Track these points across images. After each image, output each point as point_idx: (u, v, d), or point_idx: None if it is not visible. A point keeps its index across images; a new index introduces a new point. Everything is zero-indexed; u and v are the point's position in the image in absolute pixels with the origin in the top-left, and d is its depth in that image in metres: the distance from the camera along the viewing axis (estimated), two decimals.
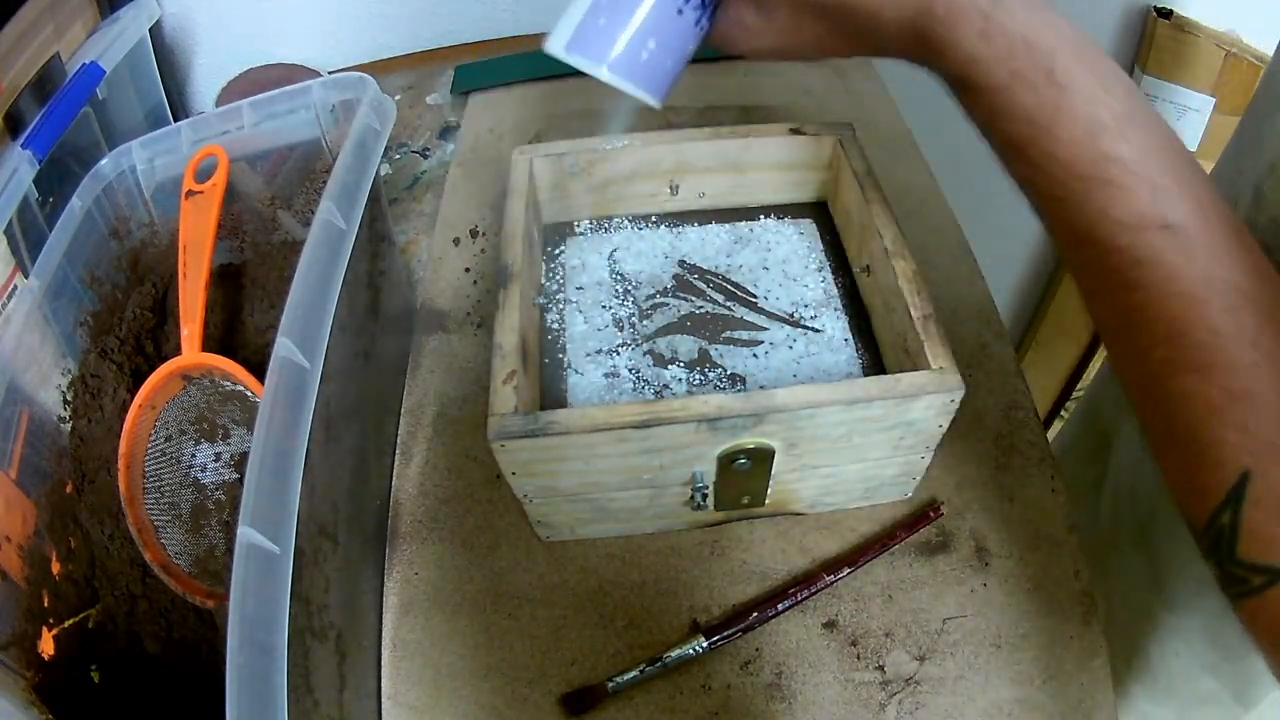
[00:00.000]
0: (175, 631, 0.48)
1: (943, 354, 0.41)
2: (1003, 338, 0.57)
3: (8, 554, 0.41)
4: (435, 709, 0.44)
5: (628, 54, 0.37)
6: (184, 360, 0.47)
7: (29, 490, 0.44)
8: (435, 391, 0.56)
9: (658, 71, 0.38)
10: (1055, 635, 0.44)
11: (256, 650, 0.28)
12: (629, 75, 0.37)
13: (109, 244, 0.53)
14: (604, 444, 0.40)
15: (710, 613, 0.46)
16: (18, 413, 0.45)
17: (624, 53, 0.37)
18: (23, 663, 0.40)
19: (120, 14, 0.70)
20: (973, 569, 0.47)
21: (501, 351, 0.42)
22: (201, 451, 0.50)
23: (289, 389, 0.34)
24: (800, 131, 0.54)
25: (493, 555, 0.48)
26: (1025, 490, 0.50)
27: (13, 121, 0.56)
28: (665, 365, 0.49)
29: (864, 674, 0.43)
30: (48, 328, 0.48)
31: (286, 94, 0.52)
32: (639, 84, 0.38)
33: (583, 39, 0.37)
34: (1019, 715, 0.42)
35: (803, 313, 0.51)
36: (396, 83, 0.84)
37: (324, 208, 0.40)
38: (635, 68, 0.37)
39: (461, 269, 0.63)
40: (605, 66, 0.37)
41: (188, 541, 0.48)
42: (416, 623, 0.46)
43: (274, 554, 0.30)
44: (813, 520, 0.49)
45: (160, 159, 0.54)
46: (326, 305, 0.38)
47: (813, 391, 0.40)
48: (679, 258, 0.55)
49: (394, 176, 0.75)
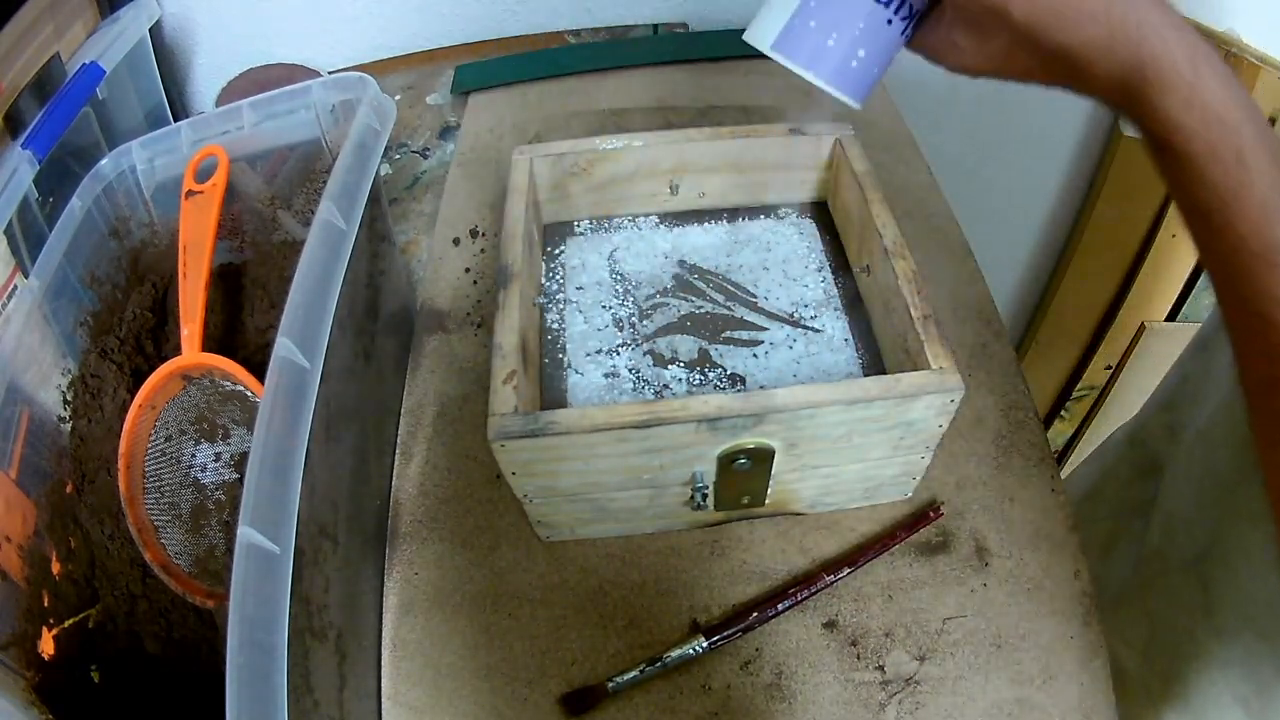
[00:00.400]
0: (175, 631, 0.48)
1: (943, 354, 0.41)
2: (1003, 338, 0.57)
3: (8, 554, 0.41)
4: (435, 709, 0.44)
5: (839, 60, 0.37)
6: (184, 360, 0.47)
7: (29, 490, 0.44)
8: (435, 391, 0.56)
9: (865, 78, 0.39)
10: (1055, 635, 0.44)
11: (256, 650, 0.28)
12: (838, 81, 0.38)
13: (109, 244, 0.53)
14: (604, 444, 0.40)
15: (710, 613, 0.46)
16: (18, 413, 0.45)
17: (836, 59, 0.37)
18: (23, 663, 0.40)
19: (120, 14, 0.70)
20: (973, 569, 0.47)
21: (501, 351, 0.42)
22: (201, 451, 0.50)
23: (289, 389, 0.34)
24: (800, 131, 0.54)
25: (493, 555, 0.48)
26: (1025, 490, 0.50)
27: (13, 121, 0.56)
28: (665, 365, 0.49)
29: (864, 674, 0.43)
30: (48, 328, 0.48)
31: (286, 94, 0.52)
32: (845, 90, 0.38)
33: (792, 39, 0.37)
34: (1019, 715, 0.42)
35: (803, 313, 0.51)
36: (396, 83, 0.84)
37: (324, 208, 0.40)
38: (845, 74, 0.38)
39: (461, 269, 0.63)
40: (816, 72, 0.38)
41: (188, 541, 0.48)
42: (416, 623, 0.46)
43: (274, 554, 0.30)
44: (813, 520, 0.49)
45: (160, 159, 0.54)
46: (326, 305, 0.38)
47: (813, 391, 0.40)
48: (679, 258, 0.55)
49: (394, 176, 0.75)
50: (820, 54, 0.37)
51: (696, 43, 0.85)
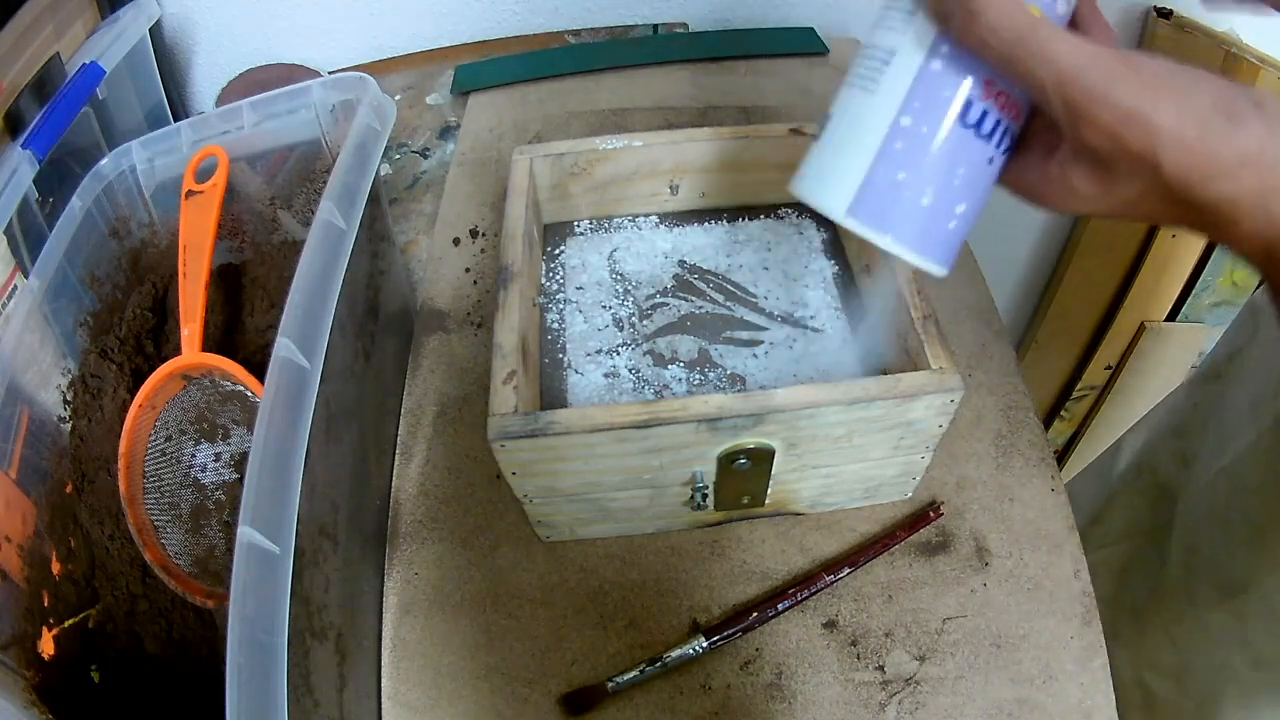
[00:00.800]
0: (175, 631, 0.48)
1: (943, 354, 0.41)
2: (1003, 338, 0.57)
3: (8, 554, 0.41)
4: (435, 709, 0.44)
5: (936, 224, 0.28)
6: (184, 360, 0.47)
7: (29, 490, 0.44)
8: (435, 391, 0.56)
9: (958, 239, 0.30)
10: (1055, 635, 0.44)
11: (256, 650, 0.28)
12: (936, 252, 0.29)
13: (109, 244, 0.53)
14: (604, 444, 0.40)
15: (710, 613, 0.46)
16: (18, 413, 0.45)
17: (932, 223, 0.28)
18: (23, 663, 0.40)
19: (120, 14, 0.70)
20: (973, 569, 0.47)
21: (501, 351, 0.42)
22: (201, 451, 0.50)
23: (289, 389, 0.34)
24: (800, 132, 0.54)
25: (493, 555, 0.48)
26: (1025, 490, 0.50)
27: (13, 121, 0.56)
28: (665, 365, 0.49)
29: (864, 674, 0.43)
30: (48, 328, 0.48)
31: (286, 94, 0.52)
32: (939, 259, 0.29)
33: (875, 200, 0.27)
34: (1019, 715, 0.42)
35: (803, 313, 0.51)
36: (396, 83, 0.84)
37: (324, 208, 0.40)
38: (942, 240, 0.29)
39: (461, 269, 0.63)
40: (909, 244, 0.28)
41: (188, 541, 0.48)
42: (416, 623, 0.46)
43: (274, 554, 0.30)
44: (813, 520, 0.49)
45: (160, 159, 0.54)
46: (326, 305, 0.38)
47: (813, 391, 0.40)
48: (679, 258, 0.55)
49: (394, 176, 0.75)
50: (912, 219, 0.28)
51: (696, 43, 0.85)
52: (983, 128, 0.27)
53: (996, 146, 0.28)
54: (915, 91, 0.27)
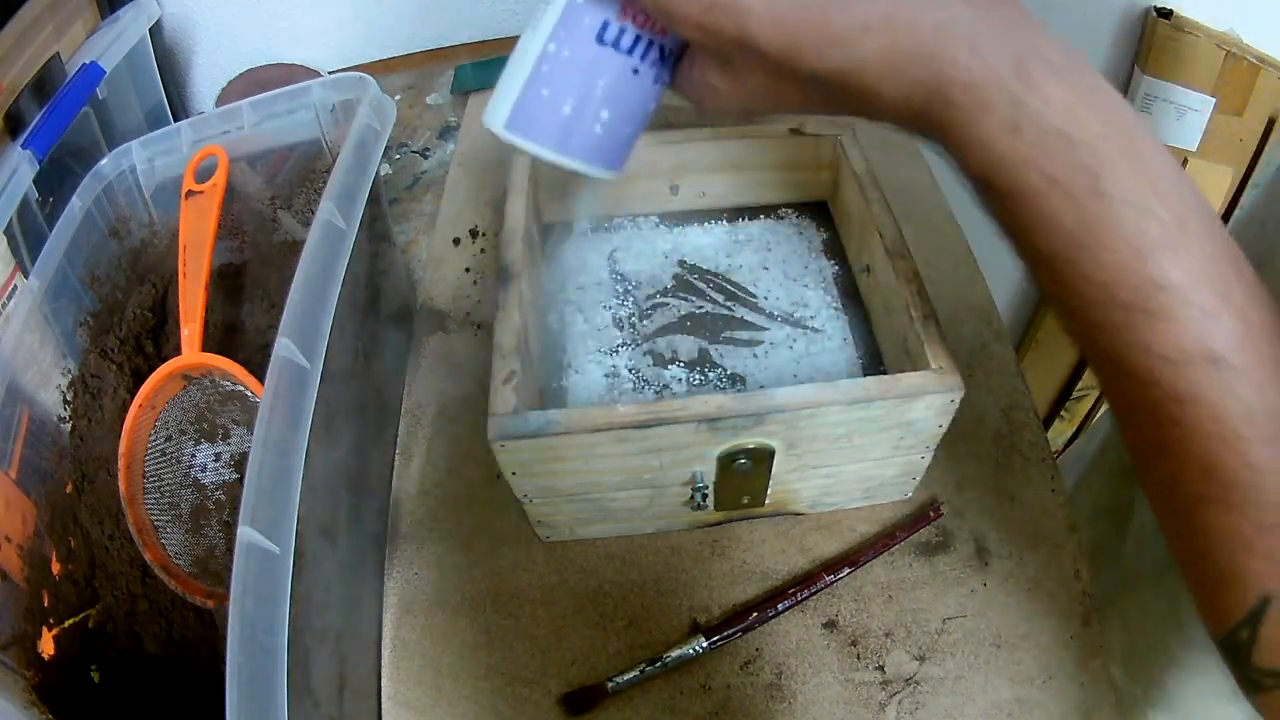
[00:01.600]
0: (175, 631, 0.48)
1: (943, 354, 0.41)
2: (1003, 338, 0.57)
3: (8, 554, 0.41)
4: (435, 709, 0.44)
5: (579, 129, 0.32)
6: (184, 360, 0.47)
7: (29, 490, 0.44)
8: (435, 391, 0.56)
9: (616, 142, 0.33)
10: (1055, 635, 0.44)
11: (256, 650, 0.28)
12: (582, 154, 0.32)
13: (109, 244, 0.53)
14: (604, 444, 0.40)
15: (710, 613, 0.46)
16: (18, 413, 0.45)
17: (575, 128, 0.32)
18: (23, 663, 0.40)
19: (120, 14, 0.70)
20: (973, 569, 0.47)
21: (501, 351, 0.42)
22: (201, 451, 0.50)
23: (289, 389, 0.34)
24: (800, 131, 0.54)
25: (493, 555, 0.48)
26: (1025, 490, 0.50)
27: (13, 121, 0.56)
28: (665, 365, 0.49)
29: (864, 674, 0.43)
30: (48, 328, 0.48)
31: (286, 94, 0.52)
32: (593, 161, 0.33)
33: (524, 115, 0.32)
34: (1019, 715, 0.42)
35: (803, 313, 0.51)
36: (396, 83, 0.84)
37: (324, 208, 0.40)
38: (589, 143, 0.32)
39: (461, 269, 0.63)
40: (553, 147, 0.32)
41: (188, 541, 0.48)
42: (416, 623, 0.46)
43: (274, 554, 0.30)
44: (813, 520, 0.49)
45: (160, 159, 0.54)
46: (326, 305, 0.38)
47: (813, 391, 0.40)
48: (679, 258, 0.55)
49: (394, 176, 0.75)
50: (555, 126, 0.31)
51: None
52: (621, 44, 0.31)
53: (641, 59, 0.31)
54: (561, 21, 0.31)
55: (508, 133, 0.32)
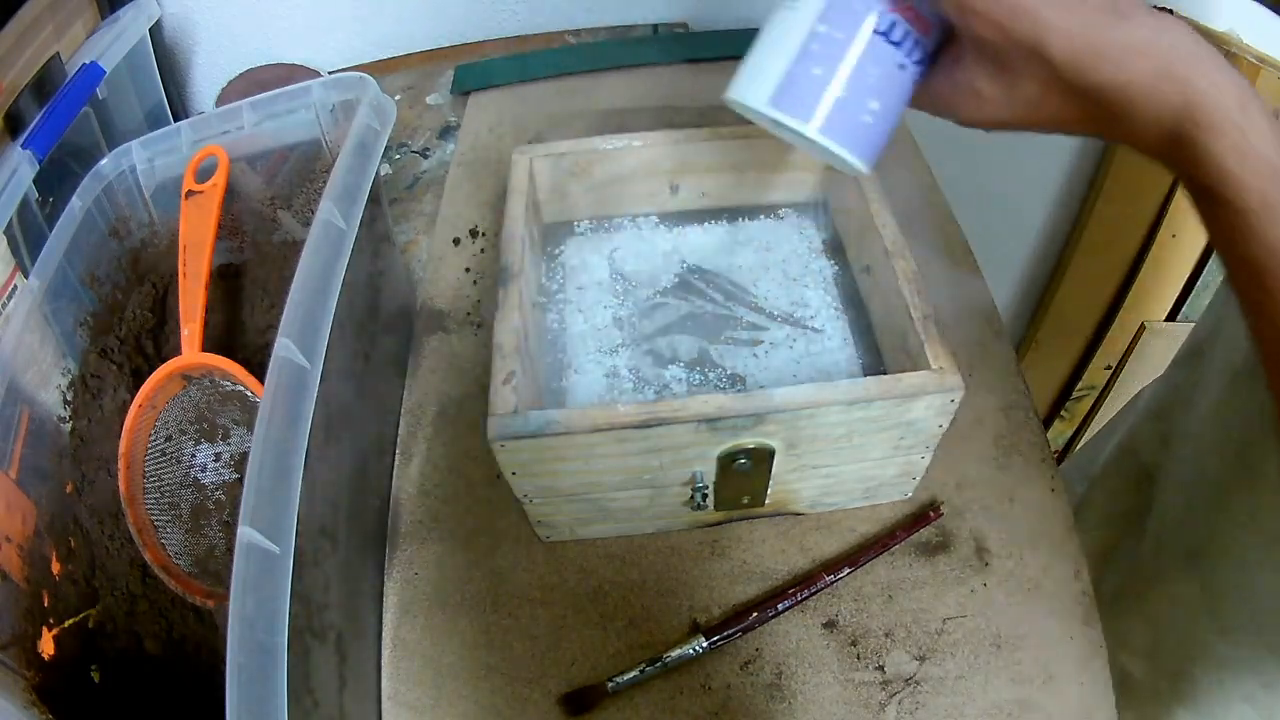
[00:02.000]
0: (175, 631, 0.47)
1: (943, 354, 0.41)
2: (1003, 338, 0.57)
3: (8, 554, 0.41)
4: (435, 709, 0.44)
5: (849, 114, 0.31)
6: (184, 360, 0.47)
7: (29, 490, 0.44)
8: (435, 391, 0.56)
9: (877, 135, 0.32)
10: (1055, 635, 0.44)
11: (256, 650, 0.28)
12: (848, 140, 0.31)
13: (109, 244, 0.53)
14: (604, 444, 0.40)
15: (710, 613, 0.46)
16: (18, 413, 0.45)
17: (845, 112, 0.31)
18: (23, 663, 0.40)
19: (120, 14, 0.70)
20: (973, 569, 0.47)
21: (501, 351, 0.42)
22: (201, 451, 0.50)
23: (289, 389, 0.34)
24: None
25: (493, 555, 0.48)
26: (1025, 490, 0.50)
27: (13, 121, 0.56)
28: (665, 365, 0.49)
29: (864, 674, 0.43)
30: (48, 328, 0.48)
31: (286, 94, 0.52)
32: (855, 150, 0.32)
33: (792, 92, 0.30)
34: (1019, 715, 0.42)
35: (803, 313, 0.51)
36: (396, 83, 0.84)
37: (324, 208, 0.40)
38: (856, 131, 0.31)
39: (461, 269, 0.63)
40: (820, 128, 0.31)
41: (188, 541, 0.48)
42: (416, 623, 0.46)
43: (274, 554, 0.30)
44: (813, 520, 0.49)
45: (160, 159, 0.54)
46: (326, 305, 0.38)
47: (813, 391, 0.40)
48: (679, 258, 0.55)
49: (394, 176, 0.75)
50: (828, 109, 0.30)
51: (696, 43, 0.85)
52: (892, 35, 0.31)
53: (907, 55, 0.31)
54: (831, 3, 0.30)
55: (772, 109, 0.31)
